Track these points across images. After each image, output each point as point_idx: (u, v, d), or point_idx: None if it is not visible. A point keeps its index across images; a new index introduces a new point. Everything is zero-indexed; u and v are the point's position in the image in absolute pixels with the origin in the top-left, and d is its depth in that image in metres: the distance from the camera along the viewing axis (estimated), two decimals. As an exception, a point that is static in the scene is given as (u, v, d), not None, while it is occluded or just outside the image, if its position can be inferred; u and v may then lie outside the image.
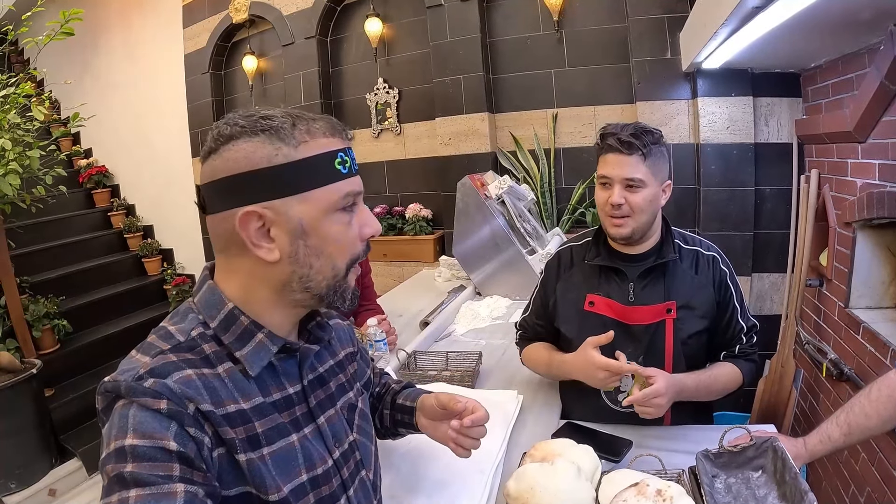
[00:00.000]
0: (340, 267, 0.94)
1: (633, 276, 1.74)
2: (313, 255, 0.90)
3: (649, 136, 1.64)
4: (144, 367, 0.82)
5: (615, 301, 1.75)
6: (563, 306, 1.86)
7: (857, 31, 2.22)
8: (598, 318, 1.77)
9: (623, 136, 1.63)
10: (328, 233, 0.90)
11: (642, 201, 1.64)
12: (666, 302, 1.71)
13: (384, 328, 2.34)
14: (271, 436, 0.89)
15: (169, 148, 6.21)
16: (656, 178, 1.66)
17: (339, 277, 0.94)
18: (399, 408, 1.33)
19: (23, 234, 4.92)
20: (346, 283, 0.96)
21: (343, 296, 0.96)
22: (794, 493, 1.17)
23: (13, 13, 5.82)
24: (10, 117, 3.57)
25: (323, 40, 5.05)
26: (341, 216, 0.92)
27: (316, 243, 0.90)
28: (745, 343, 1.78)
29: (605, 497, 1.24)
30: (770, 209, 3.54)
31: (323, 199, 0.89)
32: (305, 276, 0.91)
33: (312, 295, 0.93)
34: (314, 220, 0.89)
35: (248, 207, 0.86)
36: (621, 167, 1.64)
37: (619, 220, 1.68)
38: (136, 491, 0.73)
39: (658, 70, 3.75)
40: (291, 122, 0.88)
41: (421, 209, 4.77)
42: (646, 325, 1.72)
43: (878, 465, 2.16)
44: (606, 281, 1.79)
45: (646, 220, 1.68)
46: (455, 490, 1.40)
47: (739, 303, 1.77)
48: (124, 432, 0.77)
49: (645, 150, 1.62)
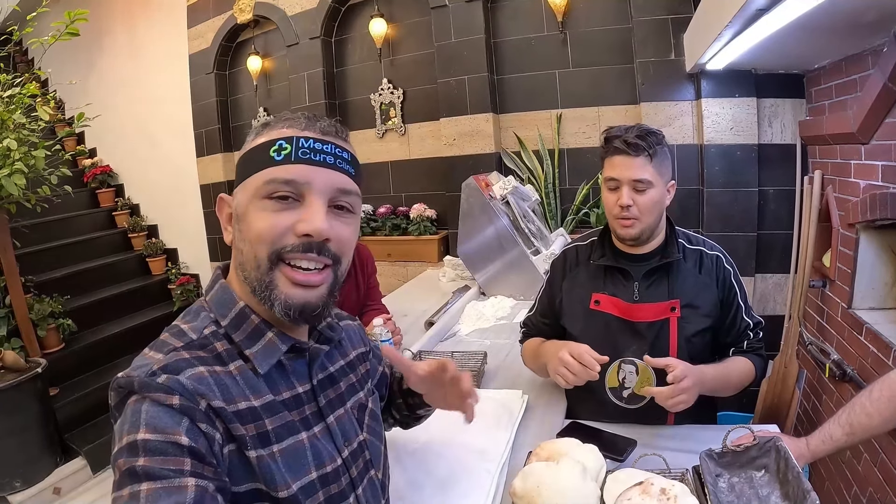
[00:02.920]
0: (262, 257, 0.89)
1: (638, 275, 1.77)
2: (242, 241, 0.92)
3: (654, 137, 1.67)
4: (157, 364, 0.83)
5: (620, 299, 1.78)
6: (569, 305, 1.89)
7: (860, 32, 2.22)
8: (603, 317, 1.80)
9: (629, 137, 1.65)
10: (252, 219, 0.90)
11: (650, 202, 1.68)
12: (670, 300, 1.73)
13: (389, 328, 2.35)
14: (281, 433, 0.90)
15: (173, 148, 6.23)
16: (662, 178, 1.70)
17: (262, 270, 0.89)
18: (406, 392, 1.34)
19: (28, 234, 4.93)
20: (272, 280, 0.89)
21: (269, 297, 0.89)
22: (797, 492, 1.18)
23: (18, 13, 5.84)
24: (15, 117, 3.57)
25: (327, 41, 5.06)
26: (266, 203, 0.89)
27: (243, 228, 0.91)
28: (753, 339, 1.80)
29: (609, 496, 1.25)
30: (773, 210, 3.54)
31: (251, 186, 0.91)
32: (242, 263, 0.93)
33: (251, 287, 0.91)
34: (242, 206, 0.92)
35: (222, 193, 0.97)
36: (629, 169, 1.67)
37: (628, 221, 1.70)
38: (148, 484, 0.74)
39: (662, 71, 3.75)
40: (274, 119, 0.95)
41: (425, 209, 4.77)
42: (650, 322, 1.74)
43: (880, 466, 2.16)
44: (612, 280, 1.82)
45: (653, 221, 1.72)
46: (461, 489, 1.41)
47: (743, 300, 1.79)
48: (137, 427, 0.78)
49: (651, 151, 1.65)
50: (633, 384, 1.74)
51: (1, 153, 3.47)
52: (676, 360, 1.57)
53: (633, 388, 1.74)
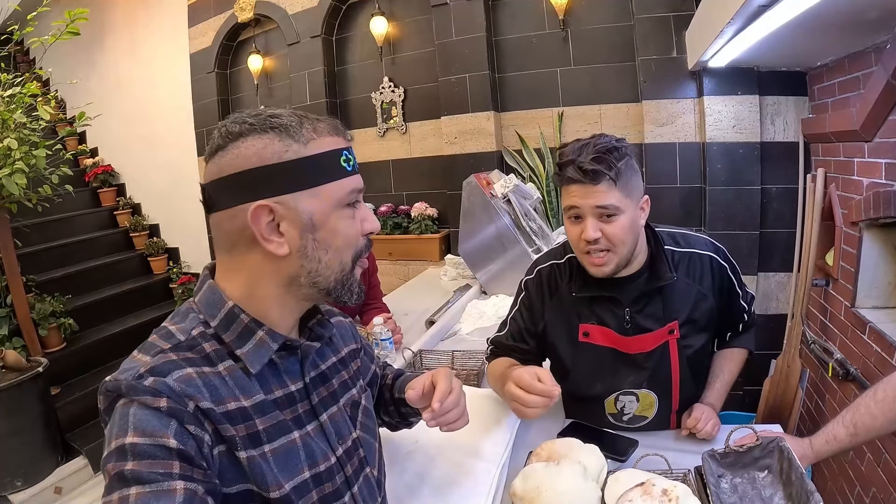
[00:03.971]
0: (347, 261, 0.96)
1: (628, 300, 1.58)
2: (322, 250, 0.92)
3: (614, 154, 1.41)
4: (145, 367, 0.83)
5: (611, 330, 1.60)
6: (556, 336, 1.70)
7: (863, 29, 2.21)
8: (595, 350, 1.63)
9: (584, 163, 1.41)
10: (336, 227, 0.93)
11: (621, 231, 1.45)
12: (667, 324, 1.58)
13: (390, 327, 2.35)
14: (272, 433, 0.90)
15: (175, 147, 6.22)
16: (632, 199, 1.46)
17: (346, 271, 0.97)
18: (398, 401, 1.32)
19: (29, 233, 4.94)
20: (353, 277, 0.99)
21: (350, 289, 0.98)
22: (800, 493, 1.17)
23: (18, 13, 5.84)
24: (16, 117, 3.57)
25: (328, 39, 5.05)
26: (347, 211, 0.95)
27: (324, 237, 0.92)
28: (747, 319, 1.75)
29: (611, 497, 1.24)
30: (776, 208, 3.52)
31: (331, 195, 0.91)
32: (314, 270, 0.93)
33: (320, 289, 0.95)
34: (323, 215, 0.91)
35: (261, 201, 0.87)
36: (590, 197, 1.43)
37: (599, 258, 1.48)
38: (137, 489, 0.74)
39: (664, 69, 3.73)
40: (298, 121, 0.91)
41: (426, 208, 4.76)
42: (648, 352, 1.60)
43: (883, 466, 2.15)
44: (599, 308, 1.62)
45: (628, 250, 1.50)
46: (461, 490, 1.40)
47: (740, 286, 1.68)
48: (125, 431, 0.78)
49: (612, 174, 1.40)
50: (634, 410, 1.67)
51: (2, 153, 3.47)
52: (694, 417, 1.60)
53: (633, 412, 1.68)
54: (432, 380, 1.19)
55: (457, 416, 1.19)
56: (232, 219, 0.90)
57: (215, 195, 0.91)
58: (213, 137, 0.91)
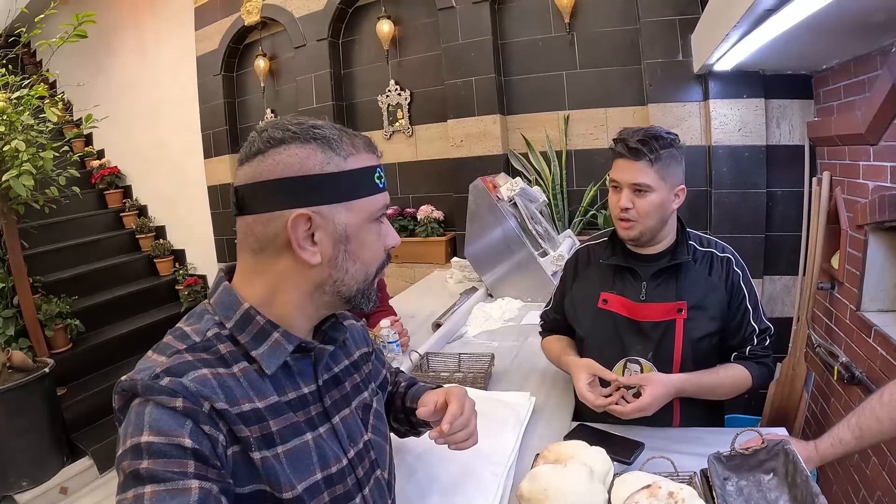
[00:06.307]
0: (371, 272, 0.99)
1: (647, 275, 1.79)
2: (350, 261, 0.95)
3: (658, 142, 1.66)
4: (161, 367, 0.84)
5: (627, 299, 1.80)
6: (579, 303, 1.93)
7: (869, 33, 2.21)
8: (611, 316, 1.83)
9: (631, 142, 1.67)
10: (365, 240, 0.96)
11: (649, 206, 1.69)
12: (677, 301, 1.74)
13: (397, 329, 2.35)
14: (286, 434, 0.91)
15: (181, 149, 6.25)
16: (666, 183, 1.69)
17: (368, 281, 0.99)
18: (408, 410, 1.33)
19: (36, 235, 4.98)
20: (373, 287, 1.02)
21: (369, 297, 1.01)
22: (806, 496, 1.17)
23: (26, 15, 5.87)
24: (23, 119, 3.60)
25: (335, 42, 5.06)
26: (375, 226, 0.98)
27: (354, 249, 0.94)
28: (757, 345, 1.76)
29: (617, 499, 1.25)
30: (781, 211, 3.52)
31: (365, 209, 0.94)
32: (340, 279, 0.95)
33: (342, 297, 0.98)
34: (356, 228, 0.94)
35: (301, 210, 0.89)
36: (629, 172, 1.69)
37: (626, 223, 1.73)
38: (152, 487, 0.75)
39: (670, 72, 3.74)
40: (339, 134, 0.93)
41: (433, 211, 4.76)
42: (655, 322, 1.76)
43: (888, 470, 2.15)
44: (620, 279, 1.84)
45: (653, 224, 1.73)
46: (468, 491, 1.41)
47: (753, 305, 1.77)
48: (140, 430, 0.79)
49: (652, 157, 1.65)
50: None
51: (9, 154, 3.50)
52: (652, 382, 1.59)
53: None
54: (446, 398, 1.19)
55: (465, 437, 1.19)
56: (266, 223, 0.90)
57: (249, 198, 0.91)
58: (251, 140, 0.92)
